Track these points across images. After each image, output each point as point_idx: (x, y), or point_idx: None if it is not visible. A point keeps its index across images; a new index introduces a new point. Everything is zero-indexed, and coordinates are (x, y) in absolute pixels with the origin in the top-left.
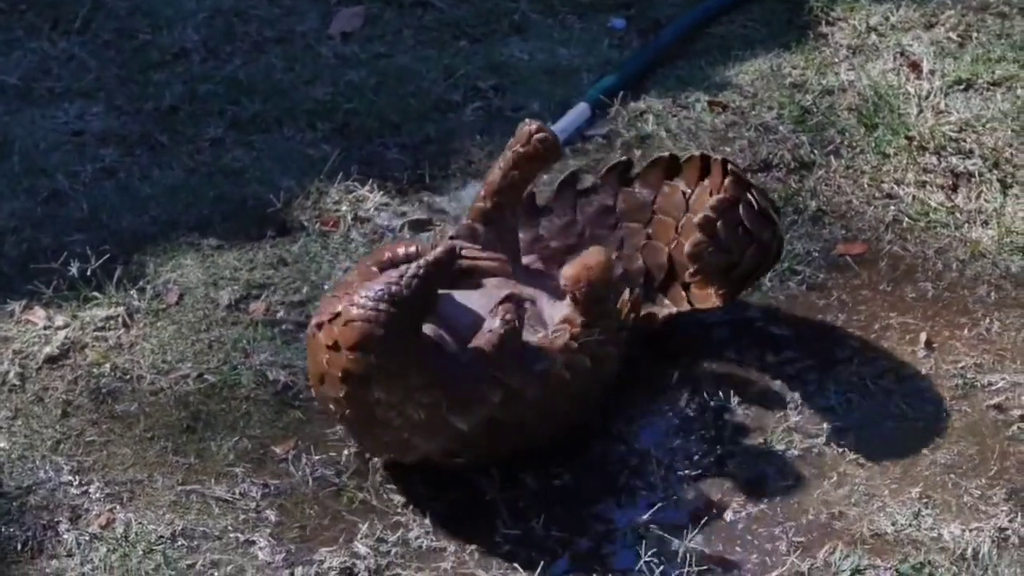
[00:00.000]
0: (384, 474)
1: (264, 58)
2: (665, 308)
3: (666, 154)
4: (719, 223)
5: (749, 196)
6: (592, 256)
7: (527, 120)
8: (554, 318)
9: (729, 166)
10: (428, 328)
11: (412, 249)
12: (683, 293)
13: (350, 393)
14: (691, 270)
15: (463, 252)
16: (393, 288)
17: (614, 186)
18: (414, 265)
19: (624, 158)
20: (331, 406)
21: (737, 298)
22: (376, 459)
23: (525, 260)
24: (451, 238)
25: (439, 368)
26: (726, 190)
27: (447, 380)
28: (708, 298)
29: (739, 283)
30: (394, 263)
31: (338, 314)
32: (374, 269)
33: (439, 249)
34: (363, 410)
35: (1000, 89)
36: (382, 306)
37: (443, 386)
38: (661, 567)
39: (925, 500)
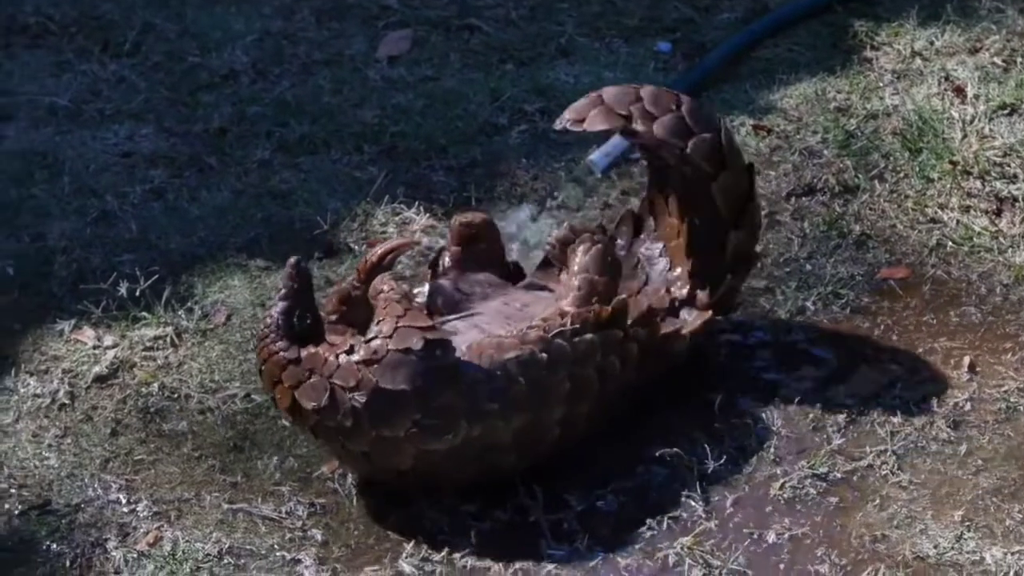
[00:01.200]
0: (430, 494)
1: (312, 80)
2: (689, 321)
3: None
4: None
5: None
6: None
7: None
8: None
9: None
10: None
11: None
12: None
13: (299, 420)
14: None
15: (369, 255)
16: (267, 322)
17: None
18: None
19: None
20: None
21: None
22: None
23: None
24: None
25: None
26: None
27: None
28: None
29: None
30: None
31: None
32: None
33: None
34: (324, 436)
35: None
36: (264, 344)
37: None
38: None
39: (967, 524)
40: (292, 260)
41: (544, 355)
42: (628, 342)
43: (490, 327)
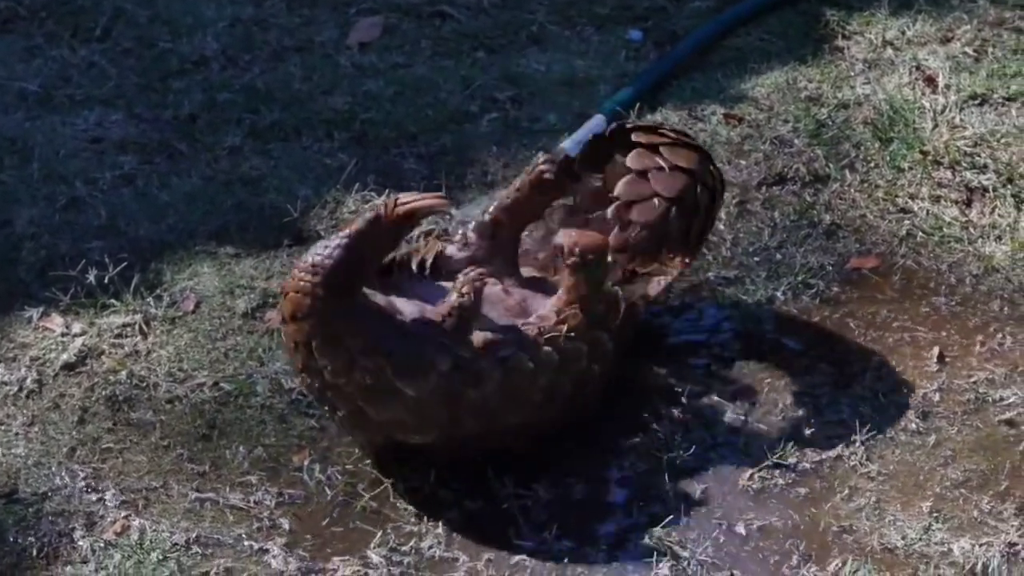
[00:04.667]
0: (399, 483)
1: (283, 67)
2: (652, 285)
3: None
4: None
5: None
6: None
7: (541, 153)
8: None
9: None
10: (402, 305)
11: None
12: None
13: (304, 363)
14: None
15: (400, 199)
16: (317, 258)
17: (595, 165)
18: (337, 236)
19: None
20: (305, 386)
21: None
22: (392, 468)
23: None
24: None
25: (380, 332)
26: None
27: (390, 344)
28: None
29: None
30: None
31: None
32: None
33: (362, 219)
34: (319, 380)
35: (1015, 104)
36: (307, 277)
37: (386, 350)
38: None
39: (935, 514)
40: (372, 214)
41: (531, 364)
42: (609, 342)
43: (489, 313)
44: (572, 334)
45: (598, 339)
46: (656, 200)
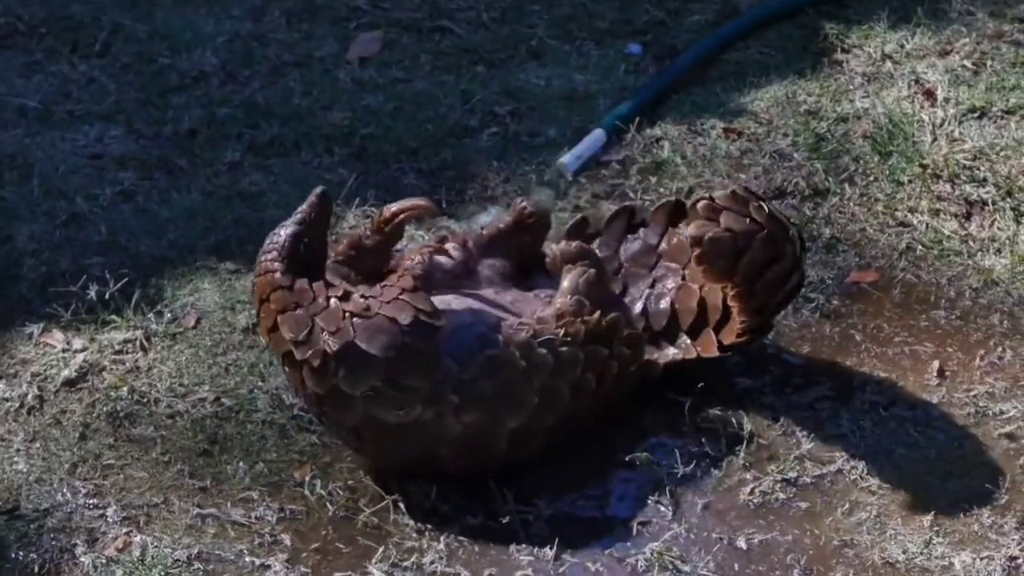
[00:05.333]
0: (400, 498)
1: (282, 82)
2: (669, 354)
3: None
4: (724, 212)
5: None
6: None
7: (520, 199)
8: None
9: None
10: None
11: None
12: (712, 338)
13: (273, 342)
14: (695, 253)
15: (389, 207)
16: (272, 240)
17: (661, 225)
18: (287, 220)
19: (675, 198)
20: (286, 376)
21: (764, 331)
22: (393, 483)
23: None
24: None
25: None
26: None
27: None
28: (732, 335)
29: (761, 301)
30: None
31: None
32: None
33: (308, 199)
34: (290, 366)
35: (1014, 117)
36: (265, 258)
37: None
38: None
39: (936, 528)
40: (319, 189)
41: (524, 363)
42: (610, 360)
43: (479, 314)
44: (569, 339)
45: (596, 352)
46: (748, 218)
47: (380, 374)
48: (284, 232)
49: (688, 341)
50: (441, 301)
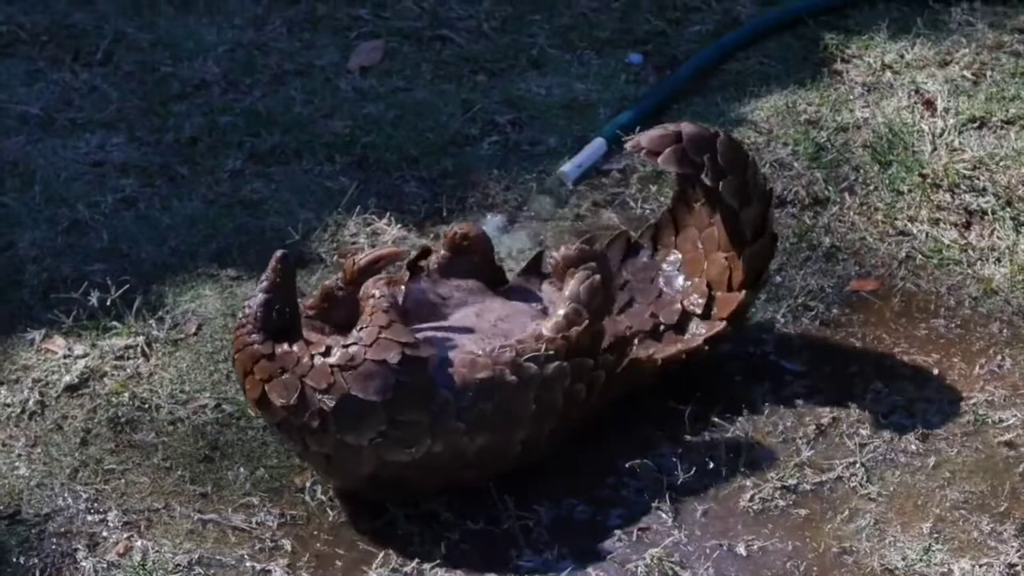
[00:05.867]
0: (400, 504)
1: (283, 91)
2: (671, 350)
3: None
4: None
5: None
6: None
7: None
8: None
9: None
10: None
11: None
12: (727, 298)
13: (266, 413)
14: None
15: (358, 258)
16: (244, 312)
17: (651, 244)
18: (255, 290)
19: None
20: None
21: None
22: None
23: None
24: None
25: None
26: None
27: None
28: (730, 303)
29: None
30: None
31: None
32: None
33: (270, 265)
34: (287, 432)
35: (1014, 127)
36: (241, 332)
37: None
38: None
39: (936, 535)
40: (279, 253)
41: (514, 378)
42: (597, 370)
43: (462, 341)
44: (552, 353)
45: (582, 364)
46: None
47: (382, 418)
48: (254, 302)
49: (699, 324)
50: (421, 334)
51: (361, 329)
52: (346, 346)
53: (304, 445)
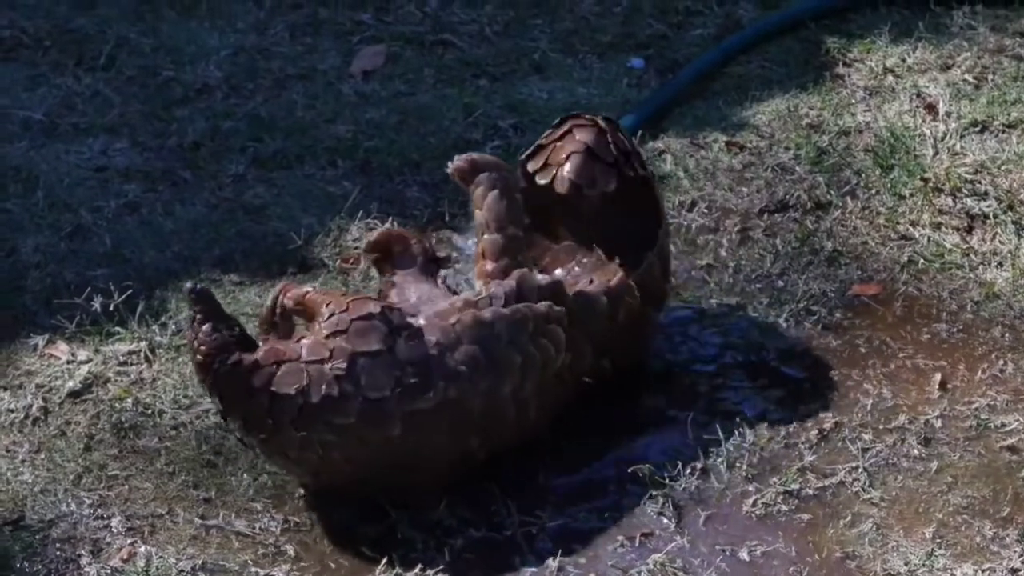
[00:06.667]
0: (403, 510)
1: (286, 95)
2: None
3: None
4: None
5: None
6: None
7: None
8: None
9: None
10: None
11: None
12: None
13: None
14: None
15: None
16: (203, 347)
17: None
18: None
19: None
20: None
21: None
22: (396, 495)
23: None
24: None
25: None
26: None
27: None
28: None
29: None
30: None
31: None
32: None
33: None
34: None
35: (1015, 131)
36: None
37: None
38: None
39: (938, 540)
40: (187, 287)
41: (485, 317)
42: (551, 322)
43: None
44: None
45: (532, 309)
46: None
47: (392, 362)
48: (204, 336)
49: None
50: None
51: (327, 307)
52: (325, 320)
53: (328, 424)
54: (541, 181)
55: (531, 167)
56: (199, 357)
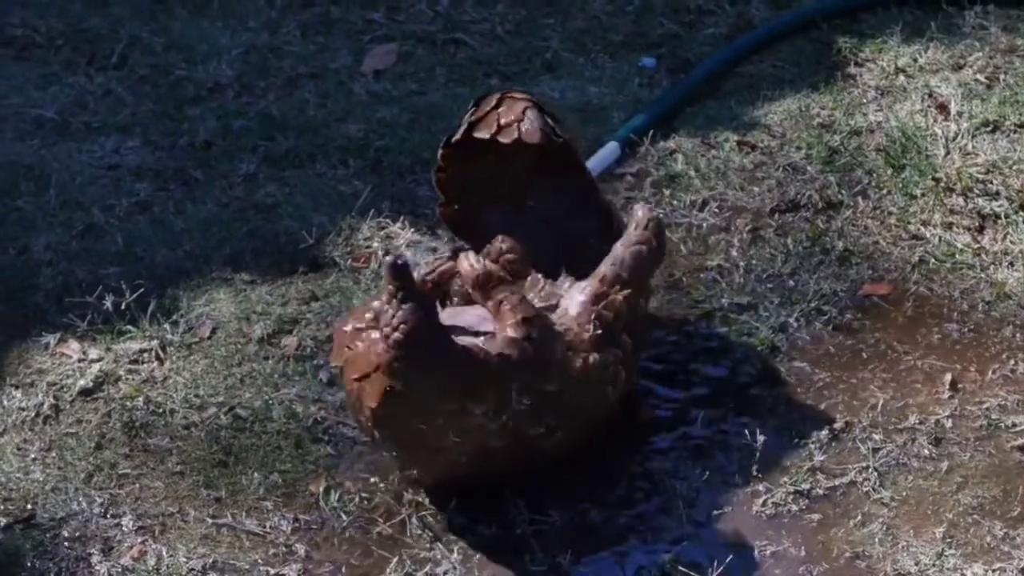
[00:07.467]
0: (413, 509)
1: (297, 94)
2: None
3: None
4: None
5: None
6: None
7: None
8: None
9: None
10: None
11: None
12: None
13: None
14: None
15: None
16: (395, 335)
17: None
18: (387, 303)
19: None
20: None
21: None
22: (407, 493)
23: None
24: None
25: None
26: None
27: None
28: None
29: None
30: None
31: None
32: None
33: (387, 272)
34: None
35: None
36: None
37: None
38: None
39: (948, 540)
40: (388, 260)
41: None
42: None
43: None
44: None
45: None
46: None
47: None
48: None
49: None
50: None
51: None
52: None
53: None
54: (504, 139)
55: (483, 133)
56: (398, 335)
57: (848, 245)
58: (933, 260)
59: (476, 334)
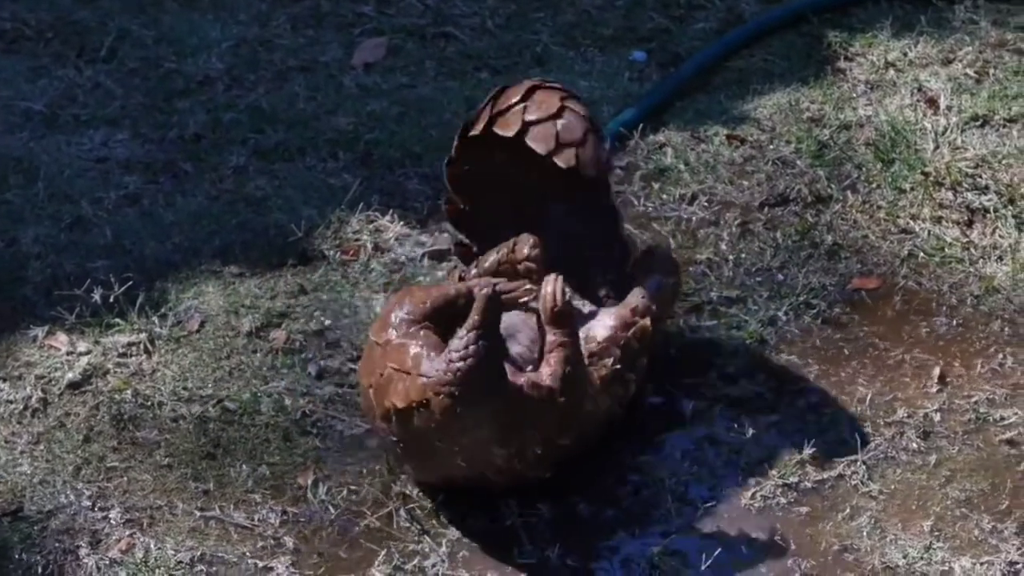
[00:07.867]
0: (402, 502)
1: (287, 87)
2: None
3: None
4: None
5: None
6: None
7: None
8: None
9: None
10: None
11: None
12: None
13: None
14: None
15: (498, 289)
16: (460, 364)
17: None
18: (468, 333)
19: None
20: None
21: None
22: (395, 486)
23: None
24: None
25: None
26: None
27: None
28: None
29: None
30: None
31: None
32: (420, 330)
33: (481, 304)
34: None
35: (1016, 125)
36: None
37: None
38: None
39: (936, 533)
40: (484, 292)
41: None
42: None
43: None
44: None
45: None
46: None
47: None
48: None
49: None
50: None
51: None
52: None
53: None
54: (538, 147)
55: (506, 132)
56: (464, 364)
57: (837, 239)
58: (922, 254)
59: (521, 367)
